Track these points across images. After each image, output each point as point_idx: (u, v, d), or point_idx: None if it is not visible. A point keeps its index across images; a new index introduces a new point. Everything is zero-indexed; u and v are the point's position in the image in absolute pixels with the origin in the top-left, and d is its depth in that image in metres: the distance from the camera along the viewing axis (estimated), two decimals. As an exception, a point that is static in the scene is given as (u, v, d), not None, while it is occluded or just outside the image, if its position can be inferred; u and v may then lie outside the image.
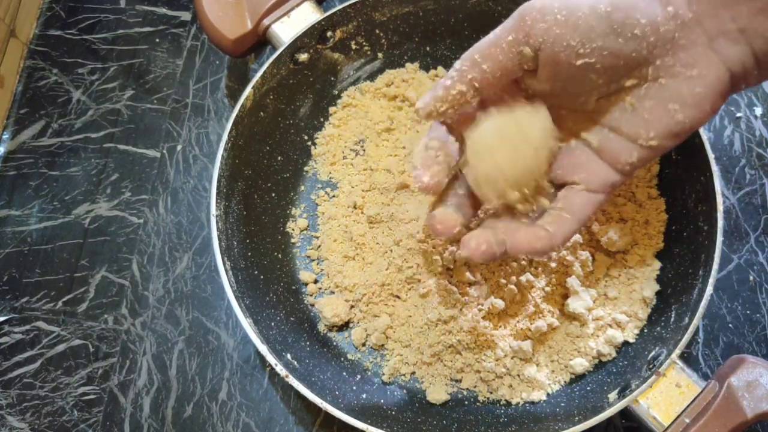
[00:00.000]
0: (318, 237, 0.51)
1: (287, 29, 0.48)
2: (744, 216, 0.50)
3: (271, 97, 0.49)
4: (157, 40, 0.60)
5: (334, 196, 0.51)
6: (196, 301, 0.51)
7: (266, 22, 0.49)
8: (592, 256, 0.46)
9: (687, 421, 0.37)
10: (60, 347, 0.50)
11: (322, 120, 0.54)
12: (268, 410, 0.48)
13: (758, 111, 0.53)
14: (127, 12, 0.61)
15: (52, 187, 0.55)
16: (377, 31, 0.53)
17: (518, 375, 0.44)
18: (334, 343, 0.48)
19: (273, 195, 0.51)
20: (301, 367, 0.43)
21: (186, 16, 0.60)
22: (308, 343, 0.46)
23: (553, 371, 0.45)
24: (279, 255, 0.50)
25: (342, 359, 0.47)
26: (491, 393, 0.45)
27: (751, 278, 0.49)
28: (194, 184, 0.54)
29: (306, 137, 0.53)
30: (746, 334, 0.47)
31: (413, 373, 0.46)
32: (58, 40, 0.60)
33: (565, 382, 0.44)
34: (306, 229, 0.51)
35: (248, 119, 0.48)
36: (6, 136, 0.57)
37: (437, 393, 0.44)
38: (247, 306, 0.43)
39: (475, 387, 0.45)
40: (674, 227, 0.46)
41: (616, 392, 0.40)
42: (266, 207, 0.50)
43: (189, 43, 0.59)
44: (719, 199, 0.41)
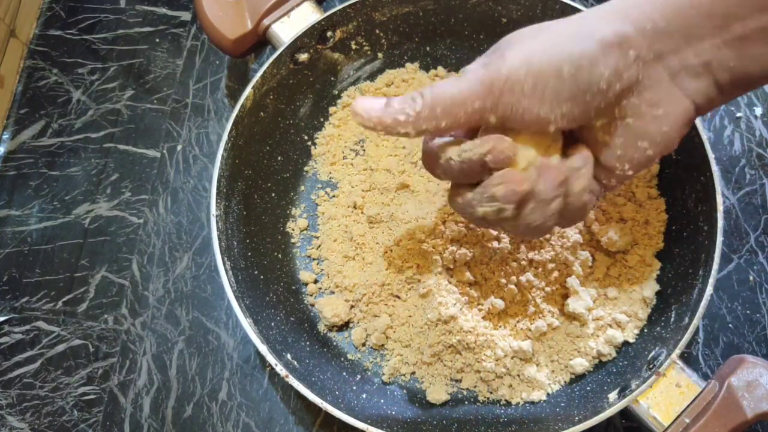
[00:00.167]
0: (318, 237, 0.51)
1: (287, 29, 0.48)
2: (744, 216, 0.50)
3: (271, 97, 0.49)
4: (157, 40, 0.60)
5: (334, 196, 0.51)
6: (196, 301, 0.51)
7: (266, 22, 0.49)
8: (592, 256, 0.46)
9: (687, 421, 0.37)
10: (60, 347, 0.50)
11: (322, 120, 0.54)
12: (268, 410, 0.48)
13: (758, 111, 0.53)
14: (127, 12, 0.61)
15: (52, 187, 0.55)
16: (377, 31, 0.53)
17: (518, 375, 0.44)
18: (334, 343, 0.48)
19: (273, 195, 0.51)
20: (301, 367, 0.43)
21: (186, 16, 0.60)
22: (308, 343, 0.46)
23: (553, 371, 0.45)
24: (279, 255, 0.50)
25: (342, 359, 0.47)
26: (491, 393, 0.45)
27: (751, 278, 0.49)
28: (194, 184, 0.54)
29: (306, 137, 0.53)
30: (746, 334, 0.47)
31: (413, 373, 0.46)
32: (58, 40, 0.60)
33: (565, 382, 0.44)
34: (306, 229, 0.51)
35: (248, 119, 0.48)
36: (6, 136, 0.57)
37: (437, 393, 0.44)
38: (247, 306, 0.43)
39: (475, 387, 0.45)
40: (674, 227, 0.46)
41: (616, 392, 0.40)
42: (266, 207, 0.50)
43: (189, 43, 0.59)
44: (719, 199, 0.41)
